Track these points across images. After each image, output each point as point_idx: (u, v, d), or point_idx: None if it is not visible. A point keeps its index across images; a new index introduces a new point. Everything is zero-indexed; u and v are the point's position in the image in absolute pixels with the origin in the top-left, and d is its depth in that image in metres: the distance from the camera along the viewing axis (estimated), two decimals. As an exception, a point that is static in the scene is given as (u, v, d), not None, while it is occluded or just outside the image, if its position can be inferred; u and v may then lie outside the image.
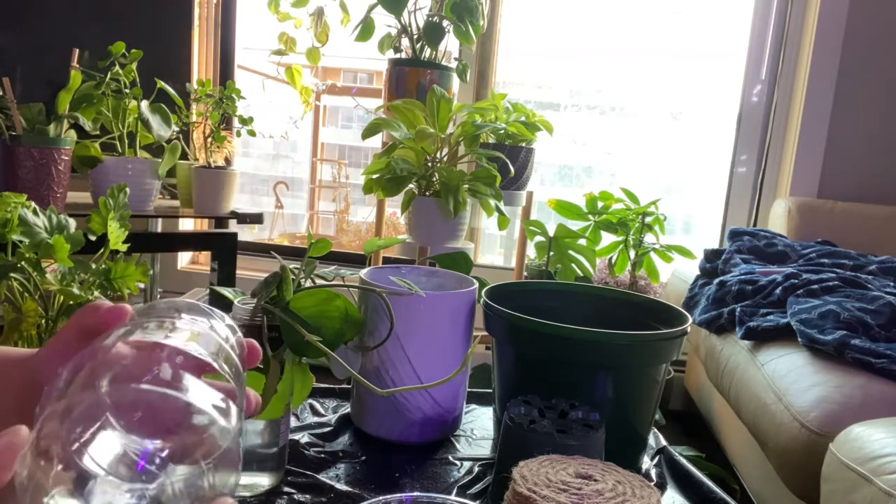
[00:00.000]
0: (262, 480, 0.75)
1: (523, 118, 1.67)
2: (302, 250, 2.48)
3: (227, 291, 0.81)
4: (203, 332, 0.32)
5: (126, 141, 1.93)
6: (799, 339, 1.19)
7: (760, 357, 1.25)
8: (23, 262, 0.79)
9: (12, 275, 0.79)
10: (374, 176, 1.36)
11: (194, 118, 2.19)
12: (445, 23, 1.64)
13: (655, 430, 0.93)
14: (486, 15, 1.72)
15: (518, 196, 1.70)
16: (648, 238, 1.92)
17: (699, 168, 2.51)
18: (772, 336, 1.27)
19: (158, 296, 2.11)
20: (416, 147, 1.35)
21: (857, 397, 1.01)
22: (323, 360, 0.73)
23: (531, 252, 1.87)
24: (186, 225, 2.43)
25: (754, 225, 2.19)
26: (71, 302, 0.81)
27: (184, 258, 2.59)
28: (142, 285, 0.97)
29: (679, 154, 2.49)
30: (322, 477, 0.78)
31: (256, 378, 0.68)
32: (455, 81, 1.70)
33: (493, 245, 2.58)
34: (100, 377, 0.27)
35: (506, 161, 1.46)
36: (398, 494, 0.50)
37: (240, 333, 0.37)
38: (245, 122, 2.20)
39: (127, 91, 1.92)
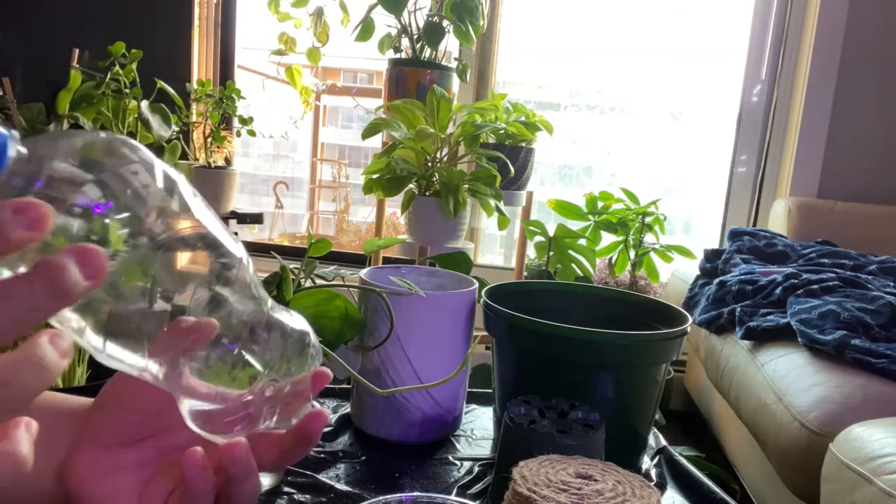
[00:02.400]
0: (262, 480, 0.75)
1: (523, 118, 1.67)
2: (302, 250, 2.48)
3: (227, 291, 0.80)
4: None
5: (126, 141, 1.93)
6: (799, 339, 1.19)
7: (760, 357, 1.25)
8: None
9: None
10: (374, 176, 1.36)
11: (194, 118, 2.19)
12: (445, 23, 1.64)
13: (655, 430, 0.93)
14: (486, 15, 1.72)
15: (518, 196, 1.70)
16: (648, 238, 1.92)
17: (699, 168, 2.51)
18: (772, 336, 1.27)
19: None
20: (416, 147, 1.35)
21: (857, 397, 1.01)
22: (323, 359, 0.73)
23: (531, 252, 1.87)
24: (186, 225, 2.43)
25: (754, 225, 2.19)
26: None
27: (184, 258, 2.59)
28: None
29: (679, 154, 2.49)
30: (322, 477, 0.78)
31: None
32: (455, 81, 1.70)
33: (493, 245, 2.58)
34: None
35: (506, 161, 1.46)
36: (398, 494, 0.50)
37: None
38: (245, 122, 2.20)
39: (127, 91, 1.92)
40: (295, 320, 0.33)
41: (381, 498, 0.49)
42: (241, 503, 0.33)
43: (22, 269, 0.24)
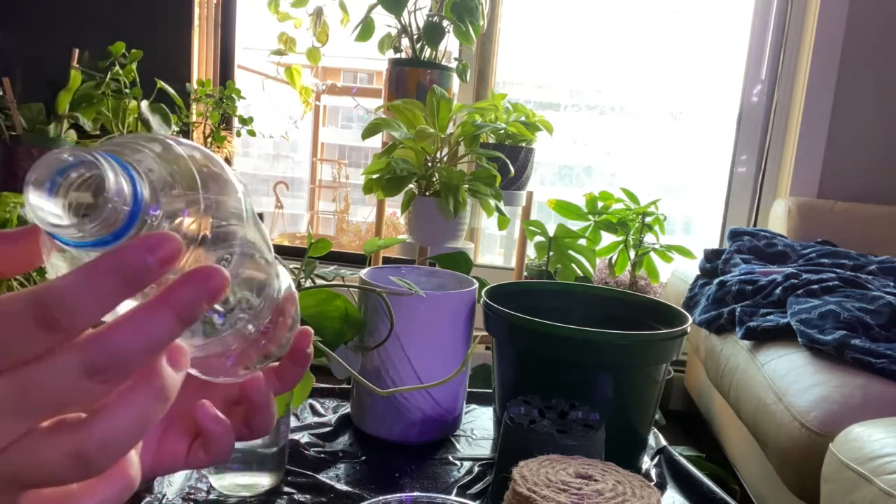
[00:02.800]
0: (262, 480, 0.75)
1: (523, 118, 1.67)
2: (302, 250, 2.48)
3: (227, 291, 0.80)
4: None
5: (126, 141, 1.93)
6: (799, 339, 1.19)
7: (760, 357, 1.25)
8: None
9: (12, 275, 0.79)
10: (374, 176, 1.36)
11: (194, 118, 2.19)
12: (445, 23, 1.64)
13: (655, 430, 0.93)
14: (486, 15, 1.72)
15: (518, 196, 1.70)
16: (648, 238, 1.92)
17: (699, 168, 2.51)
18: (772, 336, 1.27)
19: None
20: (416, 147, 1.35)
21: (857, 397, 1.01)
22: (323, 360, 0.73)
23: (531, 252, 1.87)
24: (186, 225, 2.43)
25: (754, 225, 2.19)
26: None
27: (184, 258, 2.59)
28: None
29: (679, 154, 2.49)
30: (322, 477, 0.78)
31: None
32: (455, 81, 1.70)
33: (493, 245, 2.58)
34: None
35: (506, 161, 1.46)
36: (398, 494, 0.50)
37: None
38: (245, 122, 2.20)
39: (127, 91, 1.92)
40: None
41: (381, 498, 0.49)
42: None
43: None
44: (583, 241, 1.73)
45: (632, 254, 1.91)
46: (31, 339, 0.22)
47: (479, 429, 0.95)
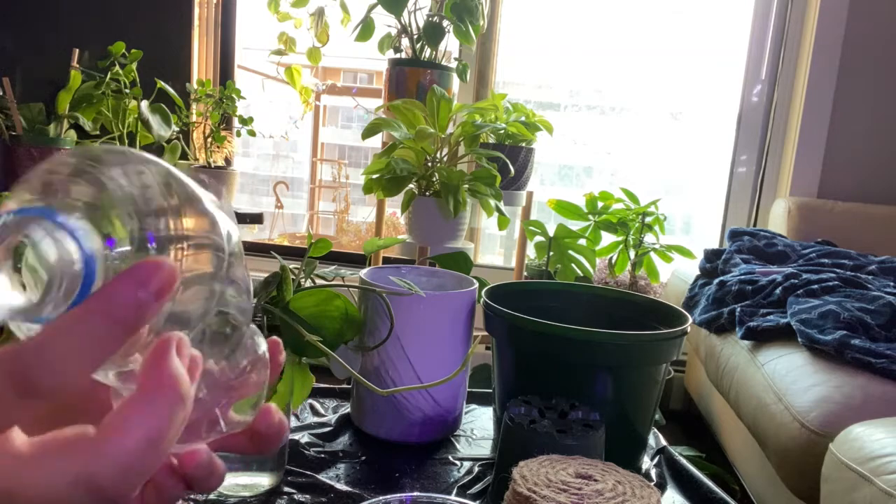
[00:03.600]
0: (262, 480, 0.75)
1: (523, 118, 1.67)
2: (302, 250, 2.48)
3: (227, 291, 0.80)
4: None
5: (126, 141, 1.93)
6: (799, 339, 1.19)
7: (760, 357, 1.25)
8: (23, 262, 0.79)
9: (12, 275, 0.79)
10: (374, 176, 1.36)
11: (194, 118, 2.19)
12: (445, 23, 1.64)
13: (655, 430, 0.93)
14: (486, 15, 1.73)
15: (518, 196, 1.70)
16: (648, 238, 1.92)
17: (699, 168, 2.51)
18: (772, 336, 1.27)
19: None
20: (416, 147, 1.35)
21: (857, 397, 1.01)
22: (323, 360, 0.73)
23: (531, 252, 1.87)
24: (186, 225, 2.43)
25: (754, 225, 2.19)
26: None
27: (184, 258, 2.58)
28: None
29: (679, 154, 2.49)
30: (322, 477, 0.78)
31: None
32: (455, 81, 1.70)
33: (493, 245, 2.58)
34: None
35: (506, 161, 1.46)
36: (398, 494, 0.50)
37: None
38: (245, 122, 2.20)
39: (127, 91, 1.92)
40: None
41: (381, 498, 0.49)
42: (207, 490, 0.33)
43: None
44: (583, 241, 1.73)
45: (632, 254, 1.91)
46: (11, 410, 0.21)
47: (479, 429, 0.95)
